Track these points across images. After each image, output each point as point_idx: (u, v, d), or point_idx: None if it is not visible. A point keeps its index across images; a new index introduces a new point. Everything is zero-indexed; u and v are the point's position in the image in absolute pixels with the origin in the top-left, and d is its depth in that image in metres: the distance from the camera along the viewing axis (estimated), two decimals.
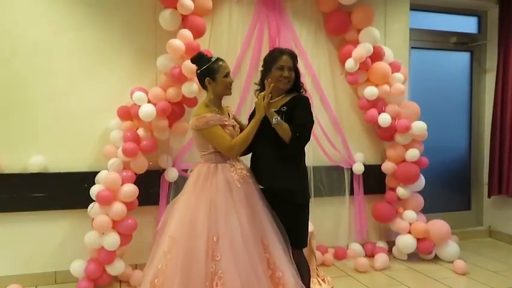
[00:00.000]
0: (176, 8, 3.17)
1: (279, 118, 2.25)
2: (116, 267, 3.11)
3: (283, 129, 2.26)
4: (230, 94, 2.41)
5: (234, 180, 2.26)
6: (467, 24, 4.71)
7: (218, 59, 2.36)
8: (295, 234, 2.33)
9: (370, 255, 3.84)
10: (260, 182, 2.36)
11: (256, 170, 2.38)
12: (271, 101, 2.34)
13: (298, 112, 2.32)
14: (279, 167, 2.33)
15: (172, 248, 2.16)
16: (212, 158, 2.32)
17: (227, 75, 2.35)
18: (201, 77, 2.35)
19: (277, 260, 2.19)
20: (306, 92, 2.49)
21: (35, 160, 3.14)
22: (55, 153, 3.23)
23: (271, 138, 2.28)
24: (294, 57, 2.41)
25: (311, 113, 2.39)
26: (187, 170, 3.41)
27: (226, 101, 3.48)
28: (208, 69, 2.32)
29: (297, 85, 2.44)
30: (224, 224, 2.15)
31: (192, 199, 2.24)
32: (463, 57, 4.73)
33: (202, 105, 2.36)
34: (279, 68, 2.35)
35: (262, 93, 2.29)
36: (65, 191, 3.21)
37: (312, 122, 2.40)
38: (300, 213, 2.37)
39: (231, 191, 2.24)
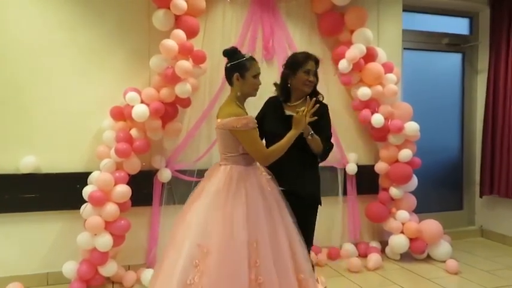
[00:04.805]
0: (169, 8, 3.16)
1: (313, 133, 2.33)
2: (109, 268, 3.09)
3: (317, 143, 2.36)
4: (255, 96, 2.35)
5: (264, 183, 2.24)
6: (459, 26, 4.75)
7: (252, 58, 2.28)
8: (310, 235, 2.43)
9: (363, 255, 3.85)
10: (283, 184, 2.35)
11: (281, 173, 2.35)
12: (291, 104, 2.45)
13: (325, 123, 2.43)
14: (305, 172, 2.42)
15: (206, 259, 2.00)
16: (241, 161, 2.24)
17: (257, 76, 2.27)
18: (230, 72, 2.25)
19: (302, 262, 2.19)
20: (323, 98, 2.50)
21: (27, 160, 3.12)
22: (47, 154, 3.20)
23: (296, 143, 2.29)
24: (317, 62, 2.46)
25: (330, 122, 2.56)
26: (183, 170, 3.44)
27: (220, 101, 3.52)
28: (239, 64, 2.22)
29: (315, 90, 2.49)
30: (263, 228, 2.10)
31: (227, 204, 2.11)
32: (455, 58, 4.76)
33: (232, 104, 2.25)
34: (306, 71, 2.38)
35: (303, 109, 2.27)
36: (57, 192, 3.19)
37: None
38: (316, 215, 2.48)
39: (264, 195, 2.20)
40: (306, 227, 2.36)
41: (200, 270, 1.98)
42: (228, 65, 2.28)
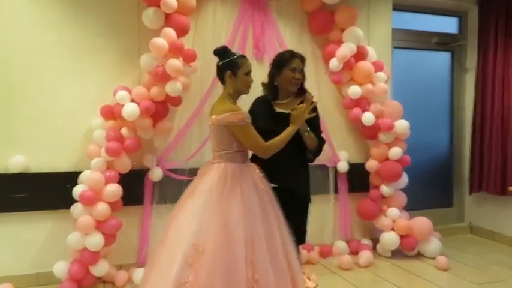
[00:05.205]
0: (159, 7, 3.15)
1: (309, 129, 2.38)
2: (100, 268, 3.08)
3: (312, 140, 2.42)
4: (248, 93, 2.38)
5: (258, 181, 2.25)
6: (448, 25, 4.80)
7: (242, 56, 2.34)
8: (303, 232, 2.47)
9: (355, 253, 3.87)
10: (276, 181, 2.35)
11: (278, 169, 2.36)
12: (279, 102, 2.48)
13: (317, 121, 2.47)
14: (301, 169, 2.46)
15: (201, 258, 1.99)
16: (235, 158, 2.25)
17: (248, 73, 2.31)
18: (222, 70, 2.29)
19: (292, 260, 2.21)
20: (312, 96, 2.51)
21: (16, 160, 3.09)
22: (37, 153, 3.18)
23: (294, 140, 2.33)
24: (303, 61, 2.49)
25: None
26: (174, 169, 3.43)
27: (212, 99, 3.52)
28: (231, 62, 2.26)
29: (303, 88, 2.51)
30: (258, 226, 2.11)
31: (222, 202, 2.11)
32: (444, 57, 4.81)
33: (226, 101, 2.27)
34: (292, 69, 2.41)
35: (302, 106, 2.30)
36: (47, 192, 3.16)
37: None
38: (307, 211, 2.52)
39: (258, 192, 2.22)
40: (299, 224, 2.39)
41: (195, 269, 1.98)
42: (219, 64, 2.31)
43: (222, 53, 2.31)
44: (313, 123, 2.46)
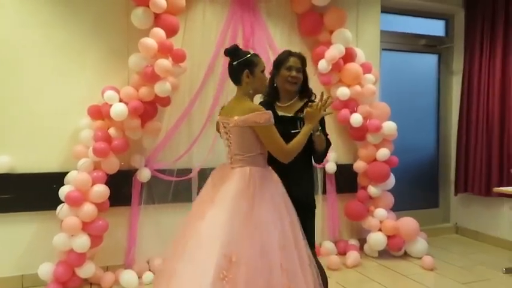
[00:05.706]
0: (148, 6, 3.13)
1: (321, 129, 2.28)
2: (86, 270, 3.04)
3: (322, 140, 2.29)
4: (263, 92, 2.29)
5: (280, 186, 2.14)
6: (436, 28, 4.86)
7: (255, 54, 2.22)
8: (312, 238, 2.36)
9: (343, 253, 3.90)
10: (290, 184, 2.22)
11: (289, 173, 2.24)
12: (282, 105, 2.36)
13: (322, 121, 2.35)
14: (306, 175, 2.38)
15: (235, 269, 1.85)
16: (257, 161, 2.11)
17: (264, 70, 2.18)
18: (239, 69, 2.12)
19: (315, 266, 2.14)
20: (315, 96, 2.41)
21: (1, 160, 3.04)
22: (22, 153, 3.13)
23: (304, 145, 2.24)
24: (302, 59, 2.37)
25: None
26: (163, 170, 3.41)
27: (201, 100, 3.52)
28: (247, 61, 2.12)
29: (306, 89, 2.41)
30: (288, 232, 2.01)
31: (253, 209, 1.97)
32: (432, 59, 4.87)
33: (247, 100, 2.13)
34: (287, 68, 2.32)
35: (317, 104, 2.19)
36: (33, 192, 3.12)
37: None
38: (314, 216, 2.42)
39: (284, 197, 2.11)
40: (308, 230, 2.29)
41: (229, 281, 1.83)
42: (235, 64, 2.15)
43: (234, 52, 2.17)
44: (321, 124, 2.34)
